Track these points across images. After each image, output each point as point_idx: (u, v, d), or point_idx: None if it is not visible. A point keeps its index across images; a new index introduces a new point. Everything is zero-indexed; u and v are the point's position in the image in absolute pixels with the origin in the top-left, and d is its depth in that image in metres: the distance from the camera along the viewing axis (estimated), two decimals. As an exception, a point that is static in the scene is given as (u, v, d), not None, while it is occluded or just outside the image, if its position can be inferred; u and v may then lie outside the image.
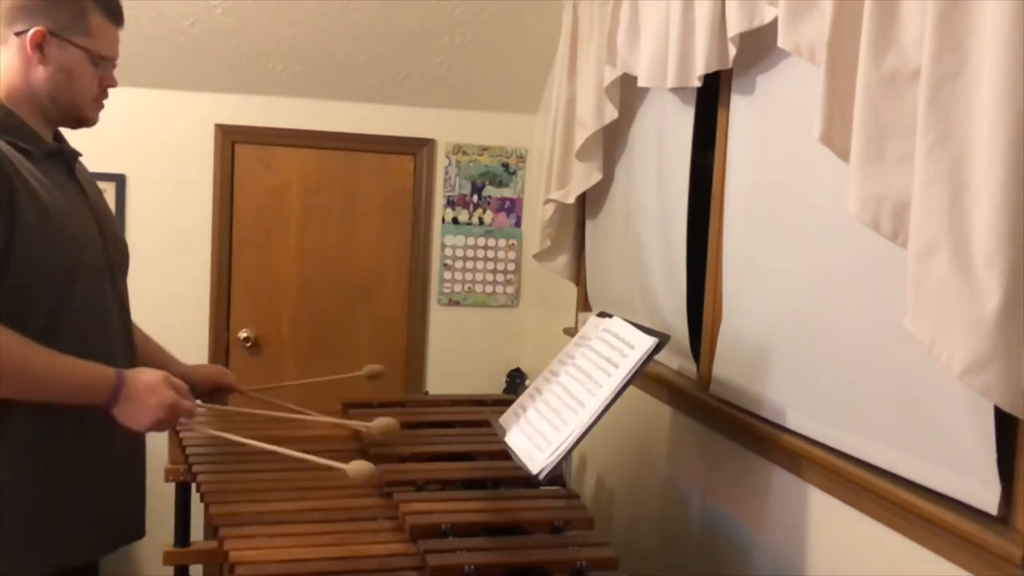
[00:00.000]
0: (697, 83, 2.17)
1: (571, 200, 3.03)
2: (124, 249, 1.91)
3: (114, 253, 1.85)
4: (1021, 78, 1.19)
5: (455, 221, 3.84)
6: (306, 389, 2.40)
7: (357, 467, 1.70)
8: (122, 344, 1.85)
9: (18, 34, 1.68)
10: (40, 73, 1.69)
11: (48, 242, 1.63)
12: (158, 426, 1.68)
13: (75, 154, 1.82)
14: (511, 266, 3.91)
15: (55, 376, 1.60)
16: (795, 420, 1.94)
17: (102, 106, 1.80)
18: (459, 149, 3.81)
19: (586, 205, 3.16)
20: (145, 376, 1.68)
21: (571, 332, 3.24)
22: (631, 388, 1.86)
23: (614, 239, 2.94)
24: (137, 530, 1.96)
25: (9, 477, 1.64)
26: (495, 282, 3.91)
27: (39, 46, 1.67)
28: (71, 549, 1.75)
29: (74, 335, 1.69)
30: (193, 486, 2.07)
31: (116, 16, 1.78)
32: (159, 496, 2.18)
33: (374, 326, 3.82)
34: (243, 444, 1.83)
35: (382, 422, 1.96)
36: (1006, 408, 1.27)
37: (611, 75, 2.65)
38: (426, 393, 3.79)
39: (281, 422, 2.20)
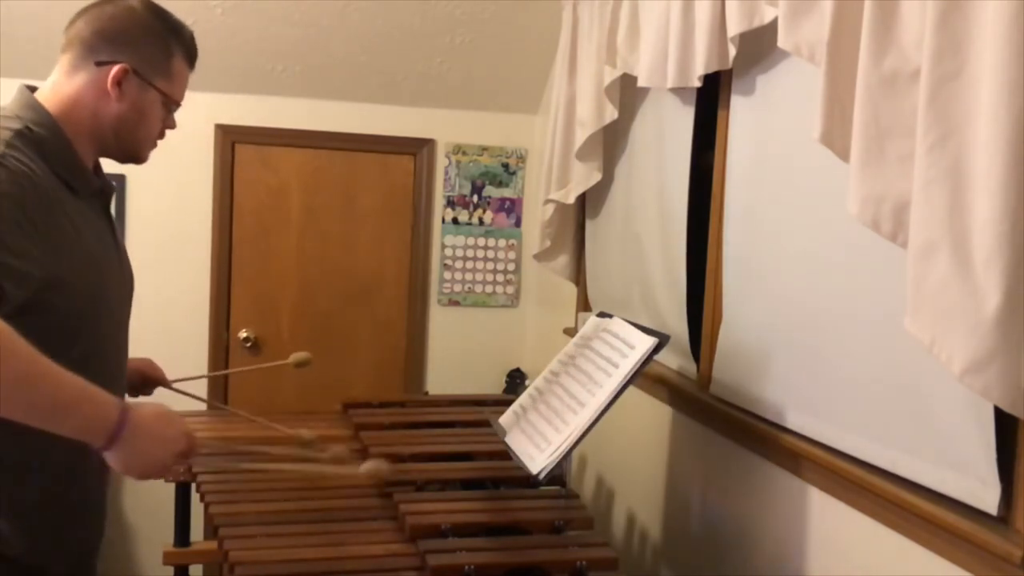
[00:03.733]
0: (697, 83, 2.17)
1: (571, 200, 3.03)
2: (132, 282, 1.84)
3: (126, 288, 1.79)
4: (1021, 78, 1.19)
5: (455, 221, 3.84)
6: (303, 388, 2.39)
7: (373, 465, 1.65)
8: (121, 373, 1.77)
9: (99, 64, 1.59)
10: (112, 108, 1.61)
11: (79, 275, 1.55)
12: (175, 461, 1.43)
13: (112, 189, 1.76)
14: (511, 266, 3.91)
15: (50, 378, 1.31)
16: (795, 420, 1.94)
17: (156, 146, 1.76)
18: (459, 149, 3.81)
19: (586, 205, 3.16)
20: (148, 406, 1.43)
21: (571, 332, 3.24)
22: (631, 388, 1.86)
23: (614, 239, 2.94)
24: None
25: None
26: (495, 282, 3.91)
27: (119, 83, 1.59)
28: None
29: (93, 366, 1.55)
30: (193, 486, 2.07)
31: (194, 61, 1.73)
32: (159, 496, 2.18)
33: (374, 326, 3.82)
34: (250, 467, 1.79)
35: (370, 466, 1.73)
36: (1006, 408, 1.27)
37: (611, 75, 2.65)
38: (426, 393, 3.79)
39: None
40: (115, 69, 1.57)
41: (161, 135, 1.74)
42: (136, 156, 1.72)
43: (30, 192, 1.44)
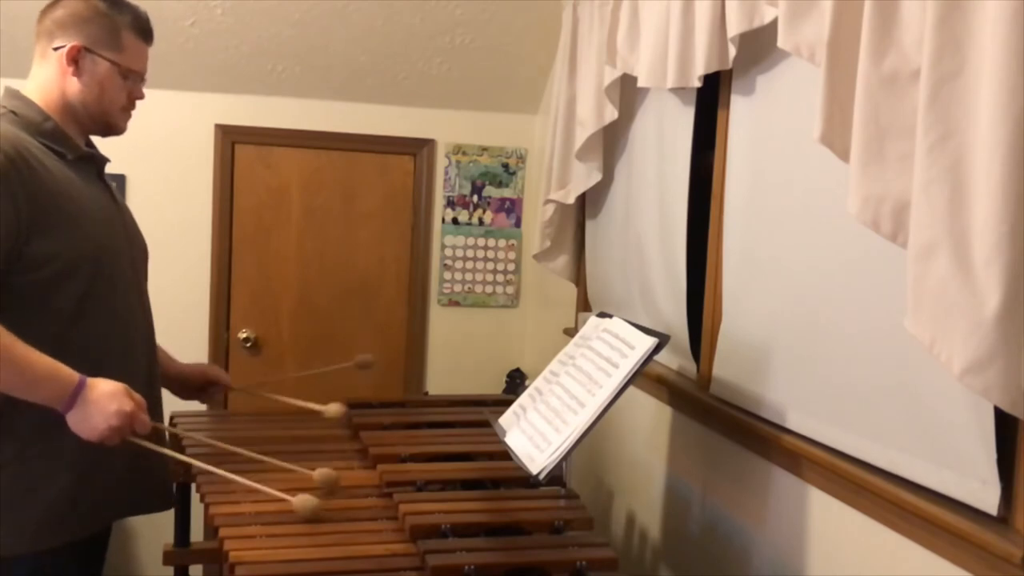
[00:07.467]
0: (697, 83, 2.17)
1: (571, 200, 3.03)
2: (144, 244, 2.05)
3: (136, 248, 2.00)
4: (1021, 78, 1.19)
5: (455, 221, 3.84)
6: (305, 385, 2.40)
7: (303, 500, 1.78)
8: (143, 330, 1.97)
9: (56, 49, 1.83)
10: (74, 85, 1.84)
11: (77, 236, 1.77)
12: (111, 434, 1.68)
13: (104, 159, 1.96)
14: (511, 266, 3.91)
15: (21, 361, 1.61)
16: (795, 420, 1.94)
17: (129, 116, 1.95)
18: (459, 149, 3.81)
19: (586, 205, 3.16)
20: (106, 384, 1.70)
21: (571, 332, 3.24)
22: (631, 388, 1.86)
23: (614, 239, 2.94)
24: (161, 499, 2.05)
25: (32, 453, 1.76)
26: (495, 282, 3.91)
27: (74, 60, 1.83)
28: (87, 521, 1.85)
29: (99, 321, 1.82)
30: (193, 486, 2.07)
31: (146, 35, 1.93)
32: (159, 496, 2.19)
33: (374, 326, 3.82)
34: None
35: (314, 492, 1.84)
36: (1006, 408, 1.27)
37: (611, 75, 2.65)
38: (426, 393, 3.78)
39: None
40: (68, 48, 1.82)
41: (131, 105, 1.94)
42: (110, 125, 1.93)
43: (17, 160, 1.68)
